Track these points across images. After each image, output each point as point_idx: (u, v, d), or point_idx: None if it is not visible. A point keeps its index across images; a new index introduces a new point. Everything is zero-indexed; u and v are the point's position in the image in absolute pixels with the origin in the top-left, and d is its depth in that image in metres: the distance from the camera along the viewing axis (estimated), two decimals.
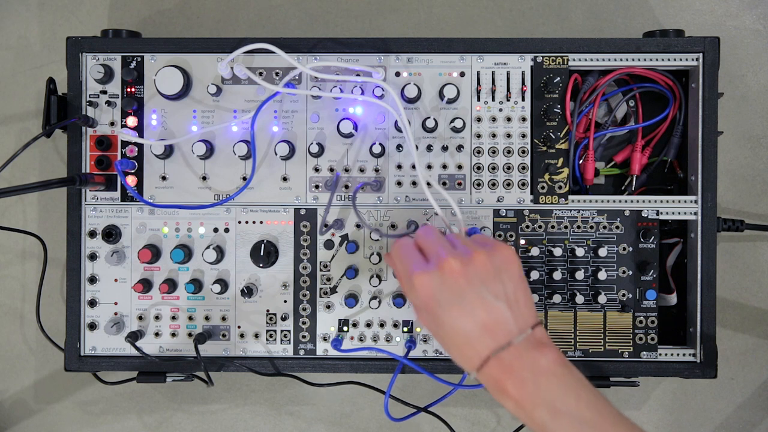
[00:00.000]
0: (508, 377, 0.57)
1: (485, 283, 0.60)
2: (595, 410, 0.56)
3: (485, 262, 0.60)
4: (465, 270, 0.60)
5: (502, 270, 0.61)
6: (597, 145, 0.82)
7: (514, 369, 0.57)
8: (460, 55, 0.78)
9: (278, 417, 0.92)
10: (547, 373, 0.57)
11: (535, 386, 0.57)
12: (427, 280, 0.60)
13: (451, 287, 0.59)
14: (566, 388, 0.57)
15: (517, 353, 0.58)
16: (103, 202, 0.78)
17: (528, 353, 0.58)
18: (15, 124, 0.92)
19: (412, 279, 0.61)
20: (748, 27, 0.91)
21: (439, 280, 0.60)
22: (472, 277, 0.59)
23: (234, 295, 0.79)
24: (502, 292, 0.60)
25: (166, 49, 0.78)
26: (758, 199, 0.90)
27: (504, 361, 0.58)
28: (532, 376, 0.57)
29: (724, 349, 0.89)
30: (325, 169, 0.78)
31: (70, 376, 0.91)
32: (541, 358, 0.58)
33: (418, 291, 0.61)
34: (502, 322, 0.59)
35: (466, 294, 0.59)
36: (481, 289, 0.59)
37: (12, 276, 0.92)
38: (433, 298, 0.60)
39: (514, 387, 0.57)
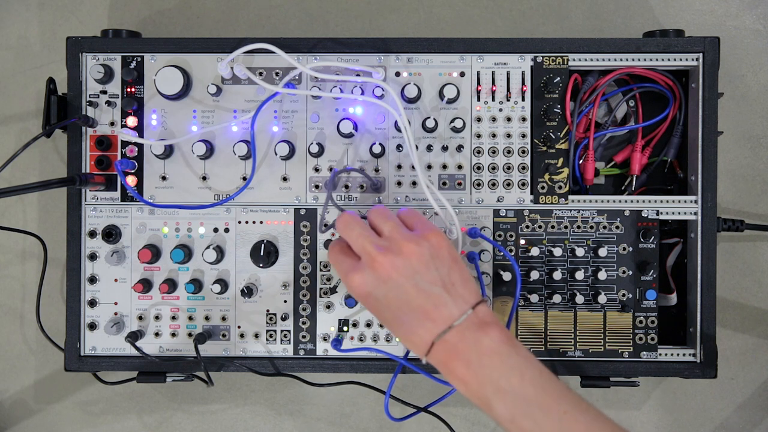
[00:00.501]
0: (455, 359, 0.59)
1: (418, 272, 0.61)
2: (540, 387, 0.57)
3: (415, 251, 0.62)
4: (395, 264, 0.61)
5: (434, 256, 0.62)
6: (597, 145, 0.82)
7: (459, 350, 0.59)
8: (460, 55, 0.78)
9: (278, 417, 0.92)
10: (491, 353, 0.58)
11: (480, 366, 0.58)
12: (361, 280, 0.62)
13: (386, 282, 0.61)
14: (510, 367, 0.58)
15: (461, 335, 0.59)
16: (103, 202, 0.78)
17: (471, 333, 0.59)
18: (15, 124, 0.92)
19: (348, 279, 0.63)
20: (748, 27, 0.91)
21: (372, 278, 0.62)
22: (404, 269, 0.61)
23: (234, 295, 0.79)
24: (437, 277, 0.61)
25: (166, 49, 0.78)
26: (758, 199, 0.90)
27: (448, 344, 0.59)
28: (477, 356, 0.58)
29: (724, 349, 0.89)
30: (325, 169, 0.78)
31: (70, 376, 0.91)
32: (484, 338, 0.59)
33: (355, 290, 0.63)
34: (441, 306, 0.60)
35: (401, 286, 0.61)
36: (415, 279, 0.61)
37: (12, 276, 0.92)
38: (371, 296, 0.62)
39: (461, 367, 0.59)
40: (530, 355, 0.60)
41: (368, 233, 0.64)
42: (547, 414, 0.57)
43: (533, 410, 0.57)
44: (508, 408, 0.57)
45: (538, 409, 0.57)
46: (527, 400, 0.57)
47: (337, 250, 0.66)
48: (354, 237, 0.64)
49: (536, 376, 0.58)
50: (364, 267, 0.62)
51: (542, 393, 0.57)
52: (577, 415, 0.57)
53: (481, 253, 0.77)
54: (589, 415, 0.58)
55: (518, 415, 0.57)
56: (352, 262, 0.64)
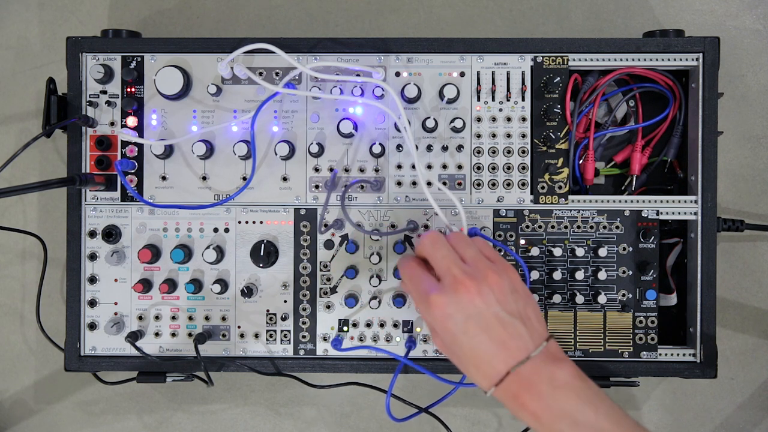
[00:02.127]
0: (527, 391, 0.59)
1: (500, 302, 0.61)
2: (614, 421, 0.58)
3: (498, 281, 0.62)
4: (480, 290, 0.61)
5: (514, 288, 0.63)
6: (597, 145, 0.82)
7: (533, 383, 0.59)
8: (460, 55, 0.78)
9: (278, 417, 0.92)
10: (565, 387, 0.58)
11: (554, 399, 0.58)
12: (443, 302, 0.62)
13: (467, 308, 0.61)
14: (584, 401, 0.58)
15: (535, 367, 0.59)
16: (103, 202, 0.78)
17: (545, 367, 0.59)
18: (15, 124, 0.92)
19: (428, 300, 0.62)
20: (748, 27, 0.91)
21: (455, 301, 0.61)
22: (487, 297, 0.61)
23: (234, 295, 0.79)
24: (516, 309, 0.62)
25: (166, 49, 0.78)
26: (758, 199, 0.90)
27: (522, 376, 0.59)
28: (551, 389, 0.58)
29: (724, 349, 0.89)
30: (325, 169, 0.78)
31: (70, 376, 0.91)
32: (558, 372, 0.59)
33: (434, 312, 0.62)
34: (518, 338, 0.60)
35: (482, 313, 0.61)
36: (496, 308, 0.61)
37: (12, 276, 0.92)
38: (451, 319, 0.61)
39: (533, 401, 0.58)
40: (600, 389, 0.60)
41: (455, 256, 0.64)
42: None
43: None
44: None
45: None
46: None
47: (415, 266, 0.66)
48: (440, 257, 0.64)
49: (609, 409, 0.58)
50: (448, 289, 0.62)
51: (616, 426, 0.57)
52: None
53: None
54: None
55: None
56: (433, 281, 0.64)
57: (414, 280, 0.65)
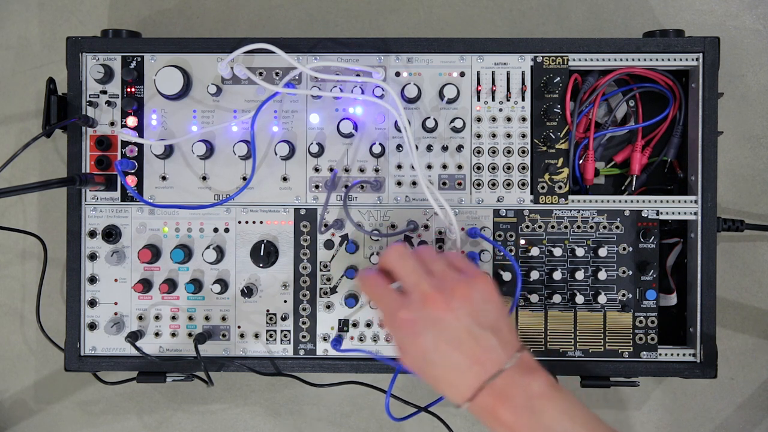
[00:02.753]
0: (502, 404, 0.58)
1: (470, 315, 0.60)
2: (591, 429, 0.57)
3: (467, 294, 0.60)
4: (449, 304, 0.59)
5: (484, 300, 0.61)
6: (597, 145, 0.82)
7: (507, 395, 0.58)
8: (460, 55, 0.78)
9: (278, 417, 0.92)
10: (540, 397, 0.58)
11: (530, 411, 0.57)
12: (411, 318, 0.60)
13: (437, 322, 0.59)
14: (560, 411, 0.58)
15: (509, 380, 0.58)
16: (103, 202, 0.78)
17: (520, 378, 0.58)
18: (15, 124, 0.92)
19: (396, 316, 0.61)
20: (748, 27, 0.91)
21: (423, 316, 0.60)
22: (457, 311, 0.59)
23: (234, 295, 0.79)
24: (487, 321, 0.60)
25: (166, 49, 0.78)
26: (758, 199, 0.90)
27: (496, 389, 0.58)
28: (526, 401, 0.57)
29: (724, 349, 0.89)
30: (325, 169, 0.78)
31: (70, 376, 0.91)
32: (532, 383, 0.58)
33: (404, 330, 0.60)
34: (491, 351, 0.59)
35: (453, 328, 0.59)
36: (466, 321, 0.59)
37: (12, 276, 0.92)
38: (421, 336, 0.60)
39: (509, 413, 0.57)
40: (574, 397, 0.59)
41: (423, 269, 0.62)
42: None
43: None
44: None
45: None
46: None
47: (379, 282, 0.64)
48: (408, 271, 0.62)
49: (584, 418, 0.58)
50: (415, 304, 0.60)
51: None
52: None
53: (481, 253, 0.77)
54: None
55: None
56: (398, 297, 0.62)
57: (378, 296, 0.63)
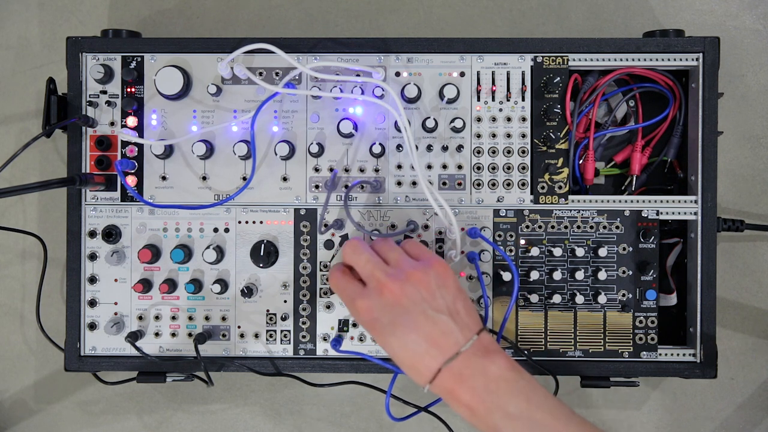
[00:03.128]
0: (460, 386, 0.59)
1: (425, 299, 0.62)
2: (547, 411, 0.58)
3: (422, 279, 0.63)
4: (404, 290, 0.62)
5: (439, 285, 0.63)
6: (597, 145, 0.82)
7: (465, 377, 0.59)
8: (460, 55, 0.78)
9: (278, 417, 0.92)
10: (498, 378, 0.59)
11: (487, 392, 0.59)
12: (368, 305, 0.63)
13: (393, 309, 0.62)
14: (517, 392, 0.59)
15: (467, 361, 0.60)
16: (103, 202, 0.78)
17: (477, 360, 0.60)
18: (15, 124, 0.92)
19: (354, 305, 0.64)
20: (748, 27, 0.91)
21: (380, 304, 0.62)
22: (412, 296, 0.62)
23: (234, 295, 0.79)
24: (443, 305, 0.62)
25: (166, 49, 0.78)
26: (758, 199, 0.90)
27: (454, 371, 0.60)
28: (483, 382, 0.59)
29: (724, 349, 0.89)
30: (325, 169, 0.78)
31: (70, 376, 0.91)
32: (490, 365, 0.59)
33: (362, 316, 0.63)
34: (448, 334, 0.61)
35: (409, 312, 0.61)
36: (422, 306, 0.61)
37: (12, 276, 0.92)
38: (378, 321, 0.62)
39: (467, 394, 0.59)
40: (534, 379, 0.61)
41: (377, 259, 0.65)
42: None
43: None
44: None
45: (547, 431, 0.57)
46: (536, 424, 0.58)
47: (339, 275, 0.67)
48: (363, 262, 0.65)
49: (542, 399, 0.59)
50: (372, 293, 0.63)
51: (550, 416, 0.58)
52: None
53: (481, 253, 0.77)
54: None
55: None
56: (357, 287, 0.65)
57: (339, 287, 0.67)
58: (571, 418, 0.59)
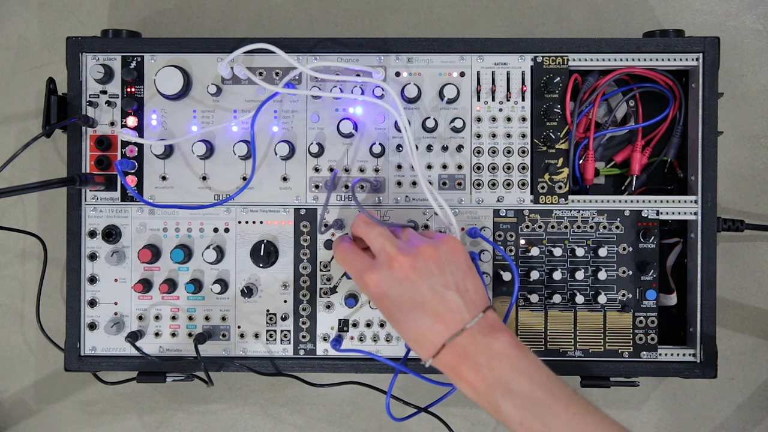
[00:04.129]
0: (463, 362, 0.59)
1: (434, 274, 0.62)
2: (548, 390, 0.58)
3: (432, 254, 0.62)
4: (414, 264, 0.62)
5: (449, 260, 0.63)
6: (597, 145, 0.82)
7: (469, 354, 0.59)
8: (460, 55, 0.78)
9: (278, 417, 0.92)
10: (500, 356, 0.59)
11: (489, 369, 0.59)
12: (377, 278, 0.63)
13: (402, 282, 0.62)
14: (519, 370, 0.59)
15: (471, 338, 0.60)
16: (103, 202, 0.78)
17: (482, 338, 0.60)
18: (15, 124, 0.92)
19: (362, 278, 0.64)
20: (748, 27, 0.91)
21: (389, 277, 0.62)
22: (421, 271, 0.62)
23: (234, 295, 0.79)
24: (452, 281, 0.62)
25: (166, 49, 0.78)
26: (758, 199, 0.90)
27: (458, 347, 0.60)
28: (486, 359, 0.59)
29: (724, 349, 0.89)
30: (325, 169, 0.78)
31: (70, 376, 0.91)
32: (494, 342, 0.60)
33: (370, 289, 0.63)
34: (454, 310, 0.61)
35: (417, 287, 0.61)
36: (431, 281, 0.62)
37: (12, 276, 0.92)
38: (386, 295, 0.62)
39: (469, 371, 0.59)
40: (538, 359, 0.61)
41: (389, 233, 0.65)
42: (556, 416, 0.57)
43: (542, 412, 0.57)
44: (518, 410, 0.58)
45: (548, 411, 0.57)
46: (536, 403, 0.58)
47: (347, 247, 0.67)
48: (374, 235, 0.65)
49: (544, 379, 0.59)
50: (381, 266, 0.63)
51: (551, 396, 0.58)
52: (585, 417, 0.58)
53: (482, 253, 0.77)
54: (597, 417, 0.58)
55: (528, 418, 0.58)
56: (366, 260, 0.65)
57: (347, 260, 0.66)
58: (572, 398, 0.59)
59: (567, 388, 0.60)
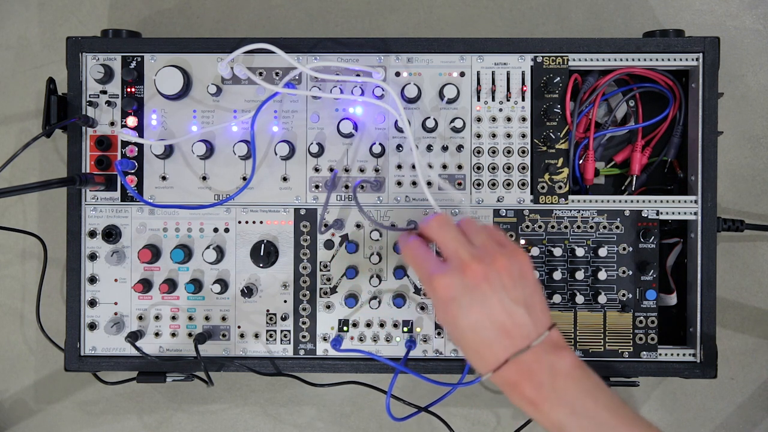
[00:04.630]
0: (526, 380, 0.58)
1: (506, 287, 0.60)
2: (613, 412, 0.57)
3: (506, 266, 0.61)
4: (487, 274, 0.60)
5: (521, 275, 0.61)
6: (597, 145, 0.82)
7: (533, 372, 0.58)
8: (460, 55, 0.78)
9: (278, 417, 0.92)
10: (565, 376, 0.58)
11: (553, 389, 0.58)
12: (448, 283, 0.60)
13: (473, 291, 0.60)
14: (584, 391, 0.58)
15: (536, 356, 0.59)
16: (103, 202, 0.78)
17: (546, 356, 0.59)
18: (15, 124, 0.92)
19: (432, 281, 0.61)
20: (748, 27, 0.91)
21: (460, 283, 0.60)
22: (493, 282, 0.60)
23: (234, 295, 0.79)
24: (521, 296, 0.60)
25: (166, 49, 0.78)
26: (758, 199, 0.90)
27: (522, 364, 0.58)
28: (550, 378, 0.58)
29: (724, 349, 0.89)
30: (325, 169, 0.78)
31: (70, 376, 0.91)
32: (558, 361, 0.59)
33: (438, 293, 0.61)
34: (521, 326, 0.59)
35: (487, 298, 0.60)
36: (501, 294, 0.60)
37: (12, 276, 0.92)
38: (454, 301, 0.60)
39: (532, 389, 0.58)
40: (600, 380, 0.60)
41: (463, 239, 0.63)
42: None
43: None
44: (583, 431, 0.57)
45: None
46: (601, 424, 0.57)
47: (418, 246, 0.64)
48: (449, 239, 0.62)
49: (609, 400, 0.58)
50: (453, 271, 0.61)
51: (615, 417, 0.57)
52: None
53: None
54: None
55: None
56: (438, 262, 0.62)
57: (418, 259, 0.64)
58: (636, 420, 0.58)
59: (630, 409, 0.59)
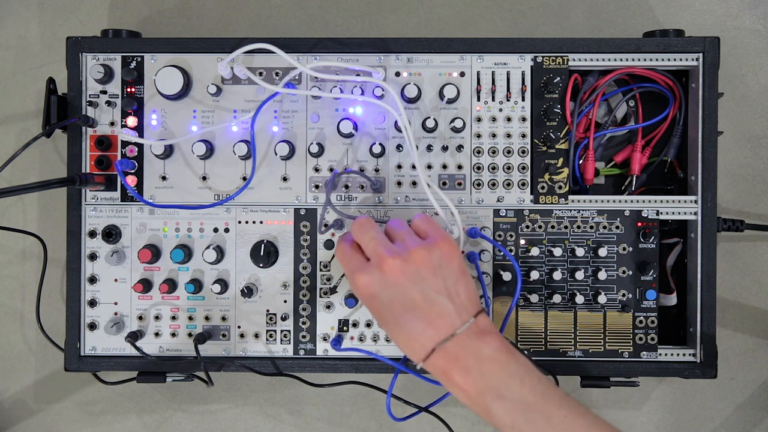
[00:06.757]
0: (453, 366, 0.60)
1: (425, 279, 0.62)
2: (539, 393, 0.58)
3: (424, 258, 0.62)
4: (405, 268, 0.62)
5: (442, 265, 0.63)
6: (597, 145, 0.82)
7: (459, 358, 0.60)
8: (460, 55, 0.78)
9: (278, 417, 0.92)
10: (491, 361, 0.59)
11: (479, 374, 0.59)
12: (368, 280, 0.63)
13: (392, 286, 0.62)
14: (509, 374, 0.59)
15: (461, 343, 0.60)
16: (103, 202, 0.78)
17: (471, 342, 0.60)
18: (15, 124, 0.92)
19: (354, 279, 0.64)
20: (748, 27, 0.91)
21: (379, 280, 0.62)
22: (412, 275, 0.62)
23: (234, 295, 0.79)
24: (443, 286, 0.62)
25: (166, 49, 0.78)
26: (758, 199, 0.90)
27: (448, 352, 0.60)
28: (476, 364, 0.59)
29: (724, 349, 0.89)
30: (325, 169, 0.78)
31: (70, 376, 0.91)
32: (484, 347, 0.60)
33: (360, 291, 0.64)
34: (445, 315, 0.61)
35: (407, 291, 0.61)
36: (421, 285, 0.62)
37: (12, 276, 0.92)
38: (376, 297, 0.62)
39: (459, 375, 0.59)
40: (529, 362, 0.61)
41: (382, 237, 0.65)
42: (548, 419, 0.58)
43: (534, 415, 0.58)
44: (509, 414, 0.58)
45: (539, 414, 0.58)
46: (527, 406, 0.58)
47: (346, 247, 0.67)
48: (367, 239, 0.65)
49: (535, 382, 0.59)
50: (373, 268, 0.63)
51: (542, 398, 0.58)
52: (577, 419, 0.58)
53: (481, 253, 0.77)
54: (589, 419, 0.58)
55: (519, 421, 0.58)
56: (360, 261, 0.65)
57: (344, 259, 0.66)
58: (564, 400, 0.59)
59: (558, 390, 0.60)
